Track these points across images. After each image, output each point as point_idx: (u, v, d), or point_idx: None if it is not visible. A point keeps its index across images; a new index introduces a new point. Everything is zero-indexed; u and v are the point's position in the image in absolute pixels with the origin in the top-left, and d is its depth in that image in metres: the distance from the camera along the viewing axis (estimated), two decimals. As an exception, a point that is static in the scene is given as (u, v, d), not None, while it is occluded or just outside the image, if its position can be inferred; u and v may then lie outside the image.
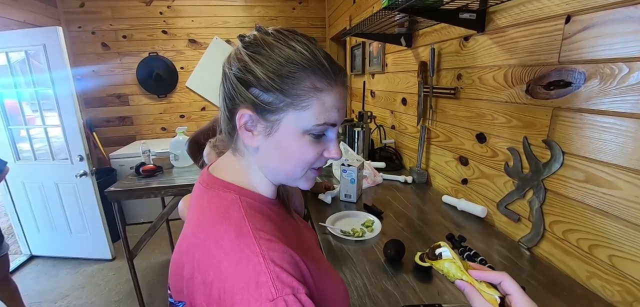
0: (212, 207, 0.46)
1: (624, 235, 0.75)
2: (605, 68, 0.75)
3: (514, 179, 1.06)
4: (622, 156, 0.73)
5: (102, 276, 2.42)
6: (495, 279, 0.45)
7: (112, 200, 1.76)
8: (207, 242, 0.42)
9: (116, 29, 2.98)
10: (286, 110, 0.43)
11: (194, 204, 0.50)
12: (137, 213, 3.08)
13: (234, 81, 0.44)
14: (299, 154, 0.46)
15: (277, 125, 0.44)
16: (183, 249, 0.45)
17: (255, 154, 0.48)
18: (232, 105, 0.46)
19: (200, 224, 0.45)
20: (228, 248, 0.40)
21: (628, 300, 0.76)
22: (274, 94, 0.42)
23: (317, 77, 0.43)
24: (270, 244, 0.40)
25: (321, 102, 0.44)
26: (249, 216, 0.43)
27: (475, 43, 1.18)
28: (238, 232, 0.41)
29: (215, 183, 0.49)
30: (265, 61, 0.42)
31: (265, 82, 0.42)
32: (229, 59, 0.46)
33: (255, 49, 0.43)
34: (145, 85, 3.13)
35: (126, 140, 3.25)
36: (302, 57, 0.42)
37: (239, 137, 0.48)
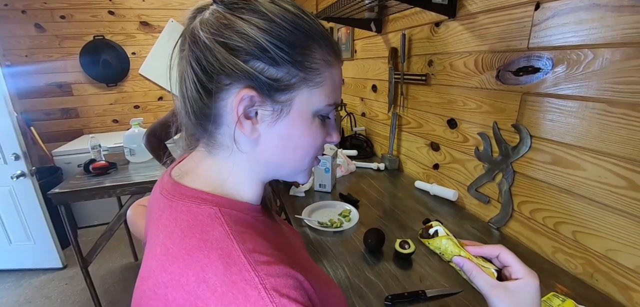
0: (183, 227, 0.35)
1: (586, 212, 0.80)
2: (572, 54, 0.78)
3: (484, 163, 1.09)
4: (587, 139, 0.77)
5: (52, 287, 2.18)
6: (492, 252, 0.45)
7: (57, 203, 1.57)
8: (183, 278, 0.31)
9: (52, 7, 2.62)
10: (299, 87, 0.36)
11: (155, 222, 0.39)
12: (90, 215, 2.81)
13: (220, 51, 0.33)
14: (310, 141, 0.39)
15: (288, 107, 0.36)
16: (149, 291, 0.33)
17: (251, 147, 0.38)
18: (212, 85, 0.35)
19: (168, 252, 0.33)
20: (215, 283, 0.30)
21: (589, 271, 0.81)
22: (285, 68, 0.34)
23: (327, 49, 0.37)
24: (269, 268, 0.31)
25: (332, 78, 0.38)
26: (235, 234, 0.33)
27: (447, 29, 1.18)
28: (225, 259, 0.31)
29: (183, 193, 0.38)
30: (268, 26, 0.33)
31: (272, 51, 0.33)
32: (201, 23, 0.35)
33: (247, 12, 0.34)
34: (91, 73, 2.82)
35: (72, 134, 2.92)
36: (308, 24, 0.36)
37: (221, 130, 0.38)
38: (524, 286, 0.40)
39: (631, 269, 0.73)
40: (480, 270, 0.43)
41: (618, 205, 0.73)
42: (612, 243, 0.76)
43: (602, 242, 0.78)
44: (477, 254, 0.45)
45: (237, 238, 0.33)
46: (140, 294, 0.35)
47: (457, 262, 0.46)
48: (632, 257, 0.72)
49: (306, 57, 0.35)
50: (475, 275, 0.43)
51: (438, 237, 0.48)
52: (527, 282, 0.40)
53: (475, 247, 0.46)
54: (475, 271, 0.43)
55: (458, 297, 0.76)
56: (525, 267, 0.42)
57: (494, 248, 0.45)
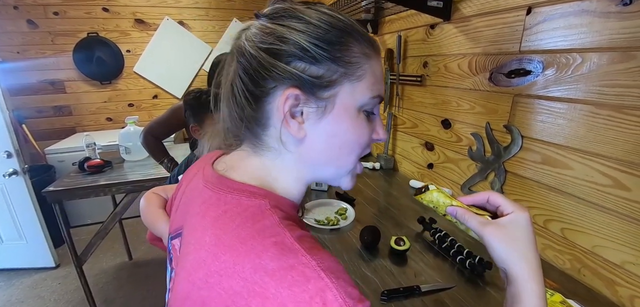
0: (233, 217, 0.35)
1: (574, 210, 0.83)
2: (561, 58, 0.81)
3: (477, 163, 1.12)
4: (575, 139, 0.81)
5: (45, 287, 2.15)
6: (482, 198, 0.47)
7: (52, 201, 1.56)
8: (238, 265, 0.31)
9: (45, 3, 2.58)
10: (341, 82, 0.37)
11: (198, 213, 0.40)
12: (83, 213, 2.78)
13: (264, 58, 0.36)
14: (356, 137, 0.40)
15: (332, 103, 0.38)
16: (200, 281, 0.34)
17: (297, 147, 0.40)
18: (260, 91, 0.38)
19: (221, 242, 0.34)
20: (273, 268, 0.30)
21: (577, 266, 0.85)
22: (325, 65, 0.36)
23: (364, 43, 0.38)
24: (322, 254, 0.32)
25: (372, 70, 0.39)
26: (284, 224, 0.34)
27: (441, 31, 1.21)
28: (280, 245, 0.32)
29: (230, 186, 0.39)
30: (306, 28, 0.36)
31: (312, 50, 0.35)
32: (247, 37, 0.38)
33: (287, 19, 0.37)
34: (84, 71, 2.78)
35: (65, 132, 2.89)
36: (342, 22, 0.37)
37: (268, 132, 0.40)
38: (514, 219, 0.42)
39: (616, 264, 0.76)
40: (472, 213, 0.45)
41: (604, 203, 0.77)
42: (598, 239, 0.79)
43: (589, 239, 0.81)
44: (468, 203, 0.47)
45: (287, 228, 0.34)
46: (188, 286, 0.35)
47: (450, 212, 0.47)
48: (617, 253, 0.76)
49: (345, 53, 0.37)
50: (468, 218, 0.44)
51: (429, 191, 0.49)
52: (516, 215, 0.42)
53: (466, 197, 0.48)
54: (467, 214, 0.45)
55: (452, 291, 0.79)
56: (514, 203, 0.43)
57: (483, 194, 0.47)
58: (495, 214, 0.46)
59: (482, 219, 0.43)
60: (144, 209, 0.71)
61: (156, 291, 2.08)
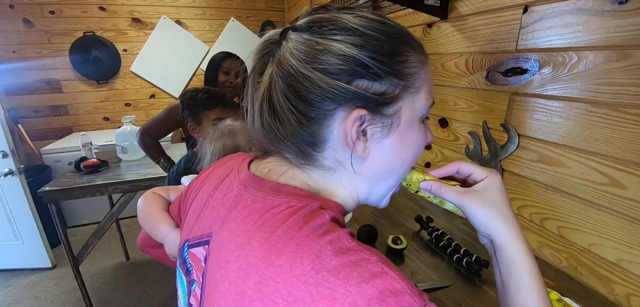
0: (284, 219, 0.33)
1: (570, 208, 0.84)
2: (558, 56, 0.81)
3: (474, 161, 1.12)
4: (571, 137, 0.81)
5: (41, 287, 2.14)
6: (452, 169, 0.47)
7: (48, 201, 1.55)
8: (296, 269, 0.29)
9: (41, 2, 2.57)
10: (403, 97, 0.35)
11: (239, 217, 0.36)
12: (79, 214, 2.77)
13: (322, 78, 0.33)
14: (417, 148, 0.39)
15: (397, 119, 0.36)
16: (251, 290, 0.30)
17: (357, 165, 0.37)
18: (316, 112, 0.34)
19: (273, 245, 0.31)
20: (336, 265, 0.28)
21: (573, 265, 0.85)
22: (388, 80, 0.34)
23: (419, 50, 0.37)
24: (377, 251, 0.30)
25: (427, 77, 0.38)
26: (337, 225, 0.32)
27: (439, 30, 1.21)
28: (338, 245, 0.30)
29: (277, 189, 0.37)
30: (362, 41, 0.33)
31: (374, 66, 0.33)
32: (291, 52, 0.34)
33: (336, 32, 0.33)
34: (81, 70, 2.77)
35: (61, 132, 2.87)
36: (394, 29, 0.35)
37: (324, 154, 0.37)
38: (489, 183, 0.42)
39: (612, 262, 0.76)
40: (448, 186, 0.44)
41: (600, 201, 0.77)
42: (594, 238, 0.79)
43: (585, 237, 0.81)
44: (439, 175, 0.47)
45: (340, 227, 0.32)
46: (236, 297, 0.32)
47: (424, 187, 0.46)
48: (613, 251, 0.76)
49: (404, 64, 0.35)
50: (444, 191, 0.44)
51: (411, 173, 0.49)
52: (490, 179, 0.43)
53: (436, 170, 0.47)
54: (444, 187, 0.44)
55: (448, 290, 0.79)
56: (485, 169, 0.44)
57: (453, 165, 0.47)
58: (464, 182, 0.46)
59: (459, 189, 0.43)
60: (143, 210, 0.64)
61: (153, 292, 2.07)
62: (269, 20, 3.22)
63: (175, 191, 0.67)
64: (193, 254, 0.44)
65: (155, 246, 0.62)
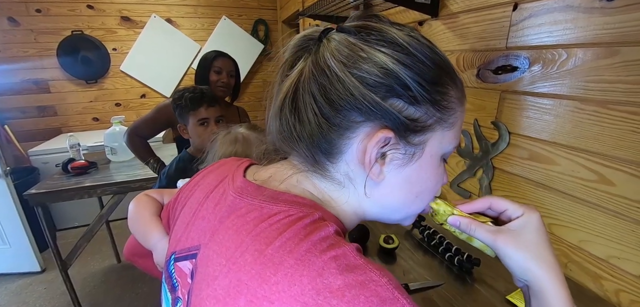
0: (281, 230, 0.30)
1: (560, 205, 0.84)
2: (547, 54, 0.81)
3: (465, 159, 1.12)
4: (561, 135, 0.81)
5: (30, 292, 2.10)
6: (483, 204, 0.43)
7: (34, 204, 1.52)
8: (294, 288, 0.26)
9: (27, 0, 2.51)
10: (434, 128, 0.33)
11: (231, 227, 0.34)
12: (69, 216, 2.72)
13: (356, 86, 0.30)
14: (434, 185, 0.37)
15: (421, 150, 0.34)
16: None
17: (369, 189, 0.35)
18: (340, 119, 0.32)
19: (268, 260, 0.28)
20: (340, 285, 0.26)
21: (563, 261, 0.85)
22: (424, 107, 0.32)
23: (459, 86, 0.35)
24: (385, 271, 0.28)
25: (462, 117, 0.36)
26: (342, 240, 0.30)
27: (430, 28, 1.20)
28: (343, 260, 0.27)
29: (275, 197, 0.34)
30: (407, 60, 0.31)
31: (414, 89, 0.31)
32: (332, 52, 0.32)
33: (385, 44, 0.31)
34: (69, 70, 2.72)
35: (50, 133, 2.82)
36: (441, 59, 0.33)
37: (336, 167, 0.35)
38: (526, 221, 0.38)
39: (602, 258, 0.77)
40: (478, 223, 0.40)
41: (589, 198, 0.77)
42: (584, 234, 0.80)
43: (575, 234, 0.82)
44: (469, 210, 0.43)
45: (345, 243, 0.30)
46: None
47: (452, 222, 0.42)
48: (602, 247, 0.76)
49: (444, 96, 0.33)
50: (475, 229, 0.40)
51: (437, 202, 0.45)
52: (528, 217, 0.38)
53: (466, 204, 0.43)
54: (474, 224, 0.40)
55: (440, 289, 0.78)
56: (522, 204, 0.39)
57: (484, 200, 0.42)
58: (497, 219, 0.42)
59: (491, 228, 0.39)
60: (134, 215, 0.59)
61: (144, 294, 2.05)
62: (261, 18, 3.20)
63: (170, 194, 0.63)
64: (179, 269, 0.40)
65: (143, 255, 0.58)
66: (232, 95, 1.66)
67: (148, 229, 0.56)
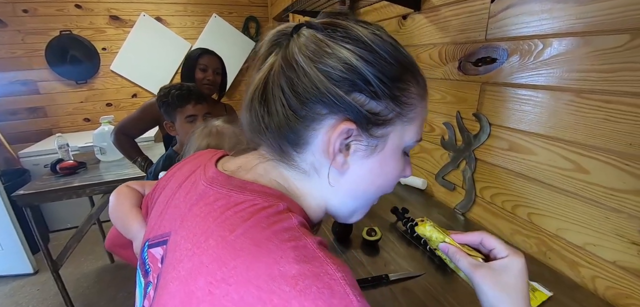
0: (245, 218, 0.31)
1: (539, 194, 0.85)
2: (524, 44, 0.82)
3: (449, 151, 1.13)
4: (539, 125, 0.82)
5: (23, 294, 2.10)
6: (475, 239, 0.45)
7: (23, 205, 1.51)
8: (251, 271, 0.27)
9: (13, 1, 2.48)
10: (395, 122, 0.35)
11: (199, 215, 0.35)
12: (63, 218, 2.71)
13: (321, 80, 0.32)
14: (394, 177, 0.38)
15: (383, 143, 0.36)
16: (200, 291, 0.29)
17: (334, 178, 0.37)
18: (306, 111, 0.34)
19: (229, 245, 0.29)
20: (294, 274, 0.26)
21: (543, 250, 0.86)
22: (384, 102, 0.34)
23: (420, 84, 0.37)
24: (344, 267, 0.29)
25: (423, 113, 0.38)
26: (304, 231, 0.31)
27: (413, 22, 1.21)
28: (302, 251, 0.28)
29: (242, 186, 0.35)
30: (370, 57, 0.33)
31: (376, 85, 0.33)
32: (299, 48, 0.34)
33: (350, 41, 0.33)
34: (58, 70, 2.70)
35: (40, 135, 2.80)
36: (403, 56, 0.35)
37: (302, 156, 0.37)
38: (508, 264, 0.39)
39: (579, 246, 0.78)
40: (463, 253, 0.43)
41: (566, 186, 0.78)
42: (562, 223, 0.81)
43: (553, 222, 0.83)
44: (461, 242, 0.46)
45: (308, 235, 0.31)
46: (185, 297, 0.30)
47: (442, 249, 0.45)
48: (579, 235, 0.77)
49: (404, 92, 0.35)
50: (459, 259, 0.43)
51: (423, 224, 0.49)
52: (511, 260, 0.40)
53: (459, 235, 0.46)
54: (459, 254, 0.43)
55: (420, 279, 0.79)
56: (509, 247, 0.42)
57: (476, 235, 0.45)
58: (488, 256, 0.44)
59: (473, 261, 0.42)
60: (114, 206, 0.60)
61: (138, 293, 2.05)
62: (252, 15, 3.18)
63: (151, 186, 0.62)
64: (152, 255, 0.42)
65: (124, 245, 0.59)
66: (219, 92, 1.66)
67: (128, 219, 0.57)
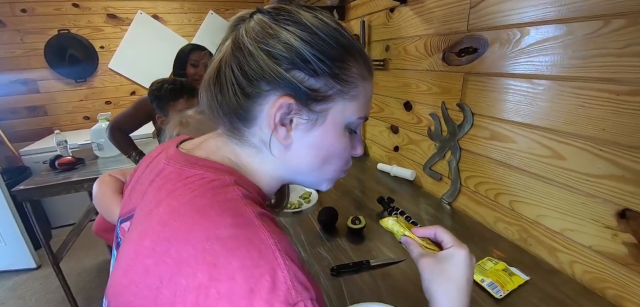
0: (193, 188, 0.34)
1: (519, 182, 0.86)
2: (503, 34, 0.83)
3: (435, 142, 1.15)
4: (518, 113, 0.83)
5: (26, 288, 2.14)
6: (430, 233, 0.49)
7: (23, 200, 1.55)
8: (190, 233, 0.30)
9: (11, 1, 2.51)
10: (335, 99, 0.38)
11: (154, 190, 0.39)
12: (65, 214, 2.75)
13: (263, 59, 0.35)
14: (339, 151, 0.41)
15: (323, 118, 0.38)
16: (146, 249, 0.32)
17: (281, 152, 0.40)
18: (252, 89, 0.36)
19: (174, 210, 0.33)
20: (227, 236, 0.29)
21: (524, 236, 0.88)
22: (324, 79, 0.36)
23: (363, 64, 0.39)
24: (280, 235, 0.32)
25: (365, 92, 0.40)
26: (247, 202, 0.34)
27: (400, 14, 1.22)
28: (239, 218, 0.31)
29: (195, 162, 0.39)
30: (310, 38, 0.35)
31: (314, 63, 0.35)
32: (247, 31, 0.37)
33: (292, 24, 0.36)
34: (57, 69, 2.72)
35: (41, 133, 2.83)
36: (346, 39, 0.38)
37: (251, 131, 0.39)
38: (451, 254, 0.43)
39: (557, 231, 0.79)
40: (415, 244, 0.47)
41: (545, 173, 0.79)
42: (541, 209, 0.82)
43: (533, 209, 0.84)
44: (421, 235, 0.49)
45: (249, 204, 0.34)
46: (134, 256, 0.34)
47: (403, 241, 0.50)
48: (557, 221, 0.79)
49: (344, 71, 0.37)
50: (412, 249, 0.47)
51: (386, 219, 0.53)
52: (453, 251, 0.43)
53: (419, 230, 0.50)
54: (412, 245, 0.47)
55: (401, 265, 0.81)
56: (455, 240, 0.45)
57: (431, 229, 0.48)
58: (441, 248, 0.47)
59: (421, 251, 0.46)
60: (98, 193, 0.64)
61: (138, 286, 2.08)
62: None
63: (131, 172, 0.68)
64: (123, 229, 0.46)
65: (109, 230, 0.64)
66: None
67: (110, 205, 0.61)
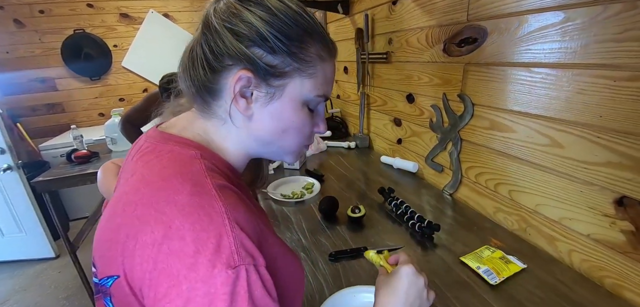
0: (162, 161, 0.39)
1: (519, 171, 0.87)
2: (502, 23, 0.83)
3: (437, 134, 1.15)
4: (517, 102, 0.83)
5: (46, 276, 2.26)
6: (396, 259, 0.54)
7: (41, 191, 1.63)
8: (154, 197, 0.35)
9: (30, 2, 2.62)
10: (292, 75, 0.41)
11: (135, 163, 0.43)
12: (82, 207, 2.86)
13: (227, 36, 0.39)
14: (298, 125, 0.44)
15: (280, 92, 0.41)
16: (120, 210, 0.37)
17: (244, 123, 0.43)
18: (218, 64, 0.40)
19: (144, 179, 0.38)
20: (183, 203, 0.33)
21: (523, 226, 0.88)
22: (281, 57, 0.40)
23: (322, 46, 0.42)
24: (235, 205, 0.35)
25: (324, 72, 0.43)
26: (209, 174, 0.37)
27: (402, 7, 1.22)
28: (198, 187, 0.35)
29: (168, 138, 0.43)
30: (270, 19, 0.39)
31: (272, 41, 0.39)
32: (215, 11, 0.40)
33: (254, 5, 0.39)
34: (73, 67, 2.84)
35: (59, 129, 2.96)
36: (307, 22, 0.41)
37: (218, 103, 0.43)
38: (397, 270, 0.49)
39: (555, 220, 0.79)
40: (384, 271, 0.54)
41: (543, 162, 0.80)
42: (540, 198, 0.82)
43: (532, 199, 0.84)
44: (393, 262, 0.56)
45: (211, 177, 0.37)
46: (109, 218, 0.39)
47: (380, 271, 0.56)
48: (556, 210, 0.79)
49: (301, 50, 0.40)
50: (379, 277, 0.53)
51: (368, 252, 0.60)
52: (399, 267, 0.49)
53: (393, 257, 0.56)
54: (381, 272, 0.54)
55: (398, 251, 0.83)
56: (406, 259, 0.51)
57: (398, 255, 0.55)
58: None
59: (383, 272, 0.53)
60: (101, 179, 0.70)
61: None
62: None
63: None
64: None
65: None
66: None
67: (110, 188, 0.65)
